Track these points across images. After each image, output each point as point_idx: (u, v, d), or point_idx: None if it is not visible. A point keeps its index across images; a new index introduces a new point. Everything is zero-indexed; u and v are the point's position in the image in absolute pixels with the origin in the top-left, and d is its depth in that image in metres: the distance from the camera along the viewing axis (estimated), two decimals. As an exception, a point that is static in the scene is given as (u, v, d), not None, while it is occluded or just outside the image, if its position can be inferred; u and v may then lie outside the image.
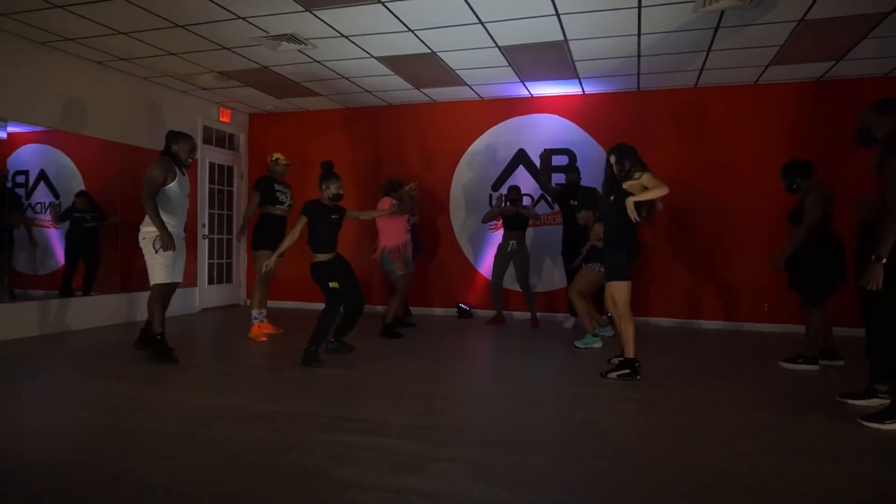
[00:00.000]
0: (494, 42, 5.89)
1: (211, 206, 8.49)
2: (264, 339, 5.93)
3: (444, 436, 3.11)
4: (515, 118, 8.07)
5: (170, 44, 6.02)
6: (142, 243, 4.76)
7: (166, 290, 4.85)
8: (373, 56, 6.35)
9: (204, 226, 8.30)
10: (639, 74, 6.88)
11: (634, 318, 4.46)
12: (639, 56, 6.25)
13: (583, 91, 7.64)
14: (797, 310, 5.85)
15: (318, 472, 2.59)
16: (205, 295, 8.35)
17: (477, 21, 5.37)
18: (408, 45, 6.00)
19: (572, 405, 3.72)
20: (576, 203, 6.31)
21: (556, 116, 7.92)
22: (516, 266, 7.08)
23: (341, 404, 3.69)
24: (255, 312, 6.04)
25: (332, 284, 4.91)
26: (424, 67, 6.70)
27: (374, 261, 6.47)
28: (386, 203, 6.23)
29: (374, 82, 7.38)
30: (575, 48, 6.01)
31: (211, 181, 8.49)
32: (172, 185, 4.75)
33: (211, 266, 8.51)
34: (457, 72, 6.88)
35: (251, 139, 9.17)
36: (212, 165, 8.51)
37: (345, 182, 5.93)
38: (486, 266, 8.05)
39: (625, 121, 7.56)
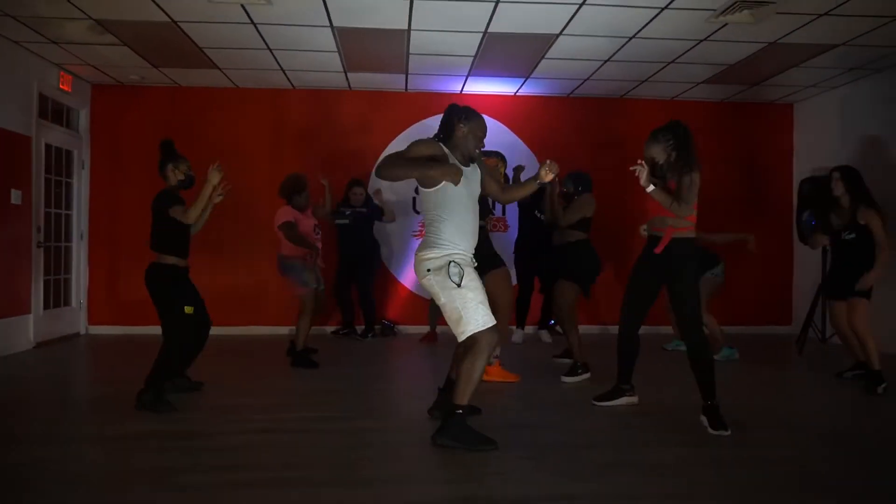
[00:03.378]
0: (486, 27, 5.24)
1: (47, 204, 6.27)
2: None
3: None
4: (441, 115, 7.40)
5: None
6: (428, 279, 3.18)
7: None
8: (333, 25, 5.22)
9: (39, 230, 6.08)
10: (586, 80, 6.77)
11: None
12: (605, 61, 6.12)
13: (516, 92, 7.32)
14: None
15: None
16: (40, 325, 6.11)
17: (493, -1, 4.69)
18: (385, 17, 5.03)
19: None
20: (540, 214, 5.93)
21: (484, 116, 7.43)
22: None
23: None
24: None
25: (187, 310, 3.89)
26: (380, 47, 5.73)
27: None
28: (289, 214, 5.25)
29: (302, 59, 6.13)
30: (560, 44, 5.64)
31: (47, 170, 6.27)
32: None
33: (47, 284, 6.28)
34: (411, 56, 6.03)
35: (95, 117, 7.03)
36: (48, 149, 6.30)
37: (236, 178, 4.96)
38: (410, 277, 7.25)
39: (554, 125, 7.43)
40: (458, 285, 3.09)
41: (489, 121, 7.51)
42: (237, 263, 7.02)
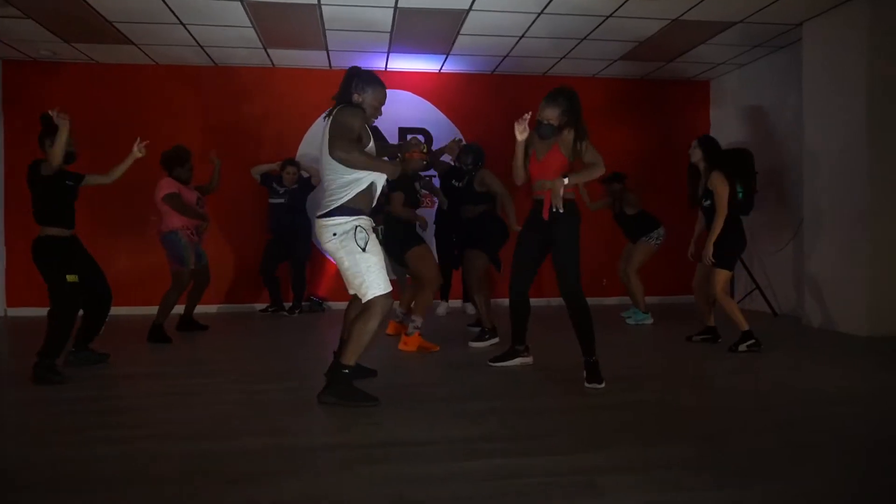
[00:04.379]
0: (395, 1, 5.30)
1: (-45, 183, 6.12)
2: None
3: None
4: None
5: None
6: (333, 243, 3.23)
7: None
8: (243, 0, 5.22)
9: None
10: (506, 56, 6.90)
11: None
12: (521, 37, 6.25)
13: (440, 69, 7.41)
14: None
15: None
16: None
17: (396, -28, 4.75)
18: (295, -9, 5.05)
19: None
20: (459, 184, 6.07)
21: (409, 93, 7.54)
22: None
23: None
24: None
25: (69, 278, 3.87)
26: (295, 22, 5.74)
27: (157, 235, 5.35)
28: (172, 185, 5.21)
29: (218, 34, 6.09)
30: (472, 19, 5.74)
31: (-45, 148, 6.11)
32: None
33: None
34: (327, 32, 6.05)
35: (6, 95, 6.85)
36: (-45, 126, 6.14)
37: (154, 158, 5.09)
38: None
39: (480, 102, 7.55)
40: (363, 250, 3.19)
41: (414, 98, 7.76)
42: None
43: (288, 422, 3.00)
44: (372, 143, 3.39)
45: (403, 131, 7.52)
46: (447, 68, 7.36)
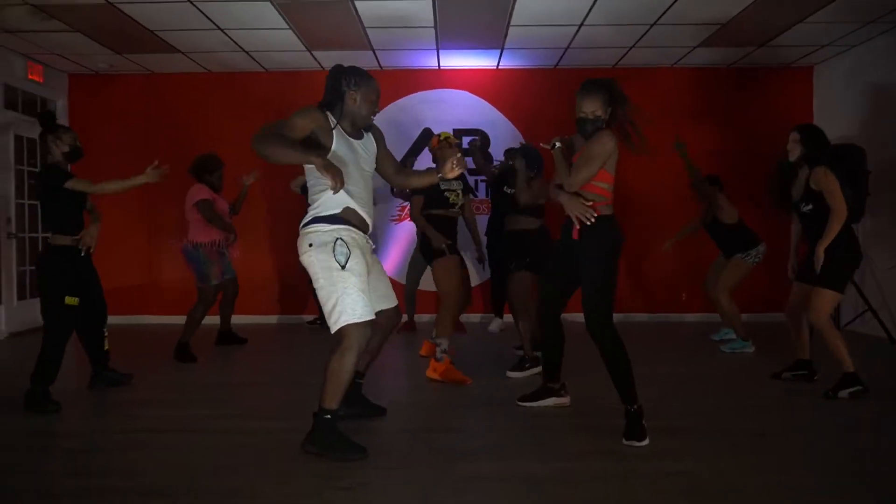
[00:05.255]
0: (432, -9, 4.84)
1: (19, 195, 6.30)
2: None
3: None
4: (420, 93, 7.05)
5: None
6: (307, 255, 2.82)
7: None
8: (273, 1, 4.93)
9: (9, 221, 6.12)
10: (567, 48, 6.24)
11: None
12: (580, 25, 5.58)
13: (497, 65, 6.85)
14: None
15: None
16: (13, 316, 6.17)
17: (425, -42, 4.28)
18: (322, -13, 4.70)
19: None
20: (511, 190, 5.48)
21: (465, 93, 7.05)
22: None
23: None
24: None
25: (68, 300, 3.58)
26: (330, 21, 5.41)
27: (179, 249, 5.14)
28: (204, 191, 4.98)
29: (259, 38, 5.88)
30: (521, 8, 5.15)
31: (18, 161, 6.31)
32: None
33: (21, 276, 6.33)
34: (367, 30, 5.68)
35: (73, 107, 7.03)
36: (19, 140, 6.32)
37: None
38: (388, 265, 6.94)
39: (542, 100, 6.92)
40: (343, 267, 2.74)
41: (470, 97, 7.23)
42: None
43: (251, 477, 2.61)
44: (351, 151, 2.87)
45: (458, 133, 7.03)
46: (504, 64, 6.78)
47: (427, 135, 6.42)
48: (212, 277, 4.93)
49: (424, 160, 6.83)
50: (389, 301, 3.17)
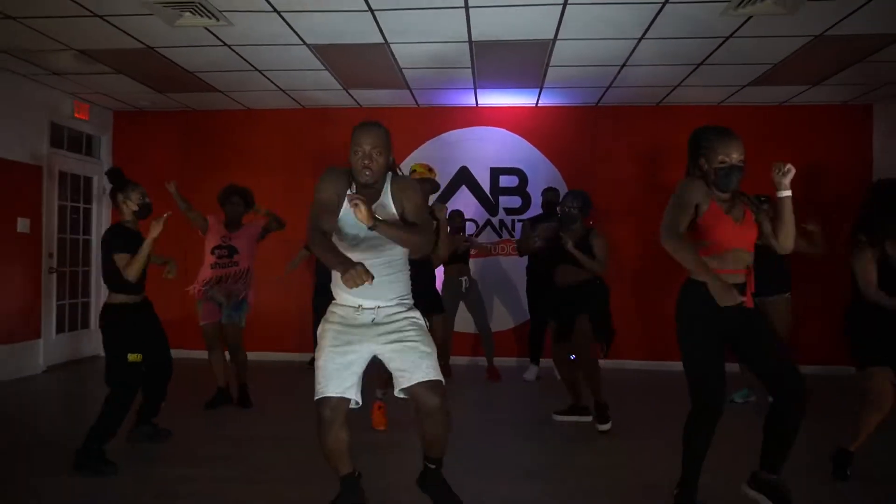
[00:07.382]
0: (469, 34, 4.73)
1: (61, 230, 6.42)
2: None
3: None
4: (456, 130, 6.94)
5: (10, 1, 4.18)
6: None
7: None
8: (306, 43, 4.91)
9: (51, 256, 6.23)
10: (609, 87, 6.06)
11: None
12: (623, 65, 5.40)
13: (536, 103, 6.70)
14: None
15: None
16: (51, 348, 6.25)
17: (461, 4, 4.18)
18: (358, 31, 4.65)
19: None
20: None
21: (503, 130, 6.91)
22: (473, 306, 6.04)
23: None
24: None
25: (131, 357, 3.47)
26: (366, 62, 5.36)
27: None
28: (214, 216, 4.79)
29: (295, 79, 5.89)
30: (560, 49, 5.01)
31: (61, 196, 6.44)
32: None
33: (60, 309, 6.42)
34: (403, 70, 5.61)
35: (116, 144, 7.17)
36: (63, 176, 6.46)
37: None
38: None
39: (582, 138, 6.74)
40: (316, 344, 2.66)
41: (507, 135, 7.08)
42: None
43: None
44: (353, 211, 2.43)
45: (496, 172, 6.90)
46: (544, 101, 6.63)
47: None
48: (199, 317, 4.72)
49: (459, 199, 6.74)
50: (412, 375, 2.55)
